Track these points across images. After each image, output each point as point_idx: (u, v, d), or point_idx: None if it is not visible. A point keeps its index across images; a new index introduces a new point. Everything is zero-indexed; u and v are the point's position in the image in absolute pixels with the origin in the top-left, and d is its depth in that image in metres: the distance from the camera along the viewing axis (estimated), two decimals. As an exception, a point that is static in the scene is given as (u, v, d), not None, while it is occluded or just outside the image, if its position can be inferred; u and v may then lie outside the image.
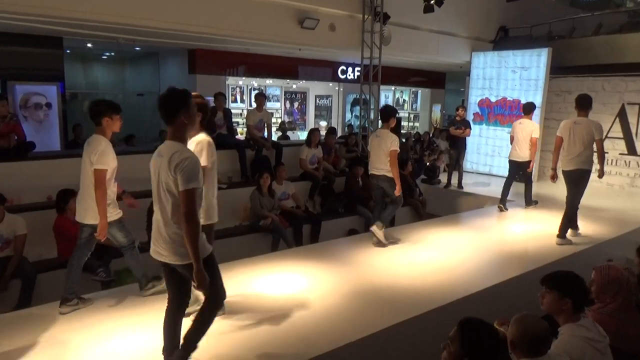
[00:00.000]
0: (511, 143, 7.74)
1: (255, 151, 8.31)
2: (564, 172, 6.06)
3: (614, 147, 10.03)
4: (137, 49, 11.45)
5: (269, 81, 13.78)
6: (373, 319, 3.83)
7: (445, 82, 17.21)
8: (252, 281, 4.65)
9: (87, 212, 3.85)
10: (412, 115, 17.68)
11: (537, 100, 10.22)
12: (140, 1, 7.03)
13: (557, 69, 10.35)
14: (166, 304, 3.02)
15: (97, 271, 4.81)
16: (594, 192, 9.20)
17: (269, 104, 12.85)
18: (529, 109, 7.75)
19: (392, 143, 5.56)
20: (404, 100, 17.56)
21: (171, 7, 7.32)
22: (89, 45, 10.73)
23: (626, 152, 9.82)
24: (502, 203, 7.65)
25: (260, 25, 8.41)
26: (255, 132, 8.32)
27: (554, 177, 6.29)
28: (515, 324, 2.37)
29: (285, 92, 14.62)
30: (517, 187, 10.05)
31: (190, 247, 2.65)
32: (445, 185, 9.72)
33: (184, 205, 2.65)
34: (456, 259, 5.38)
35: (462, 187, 9.47)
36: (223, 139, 8.17)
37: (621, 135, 9.92)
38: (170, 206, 2.73)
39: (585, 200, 8.45)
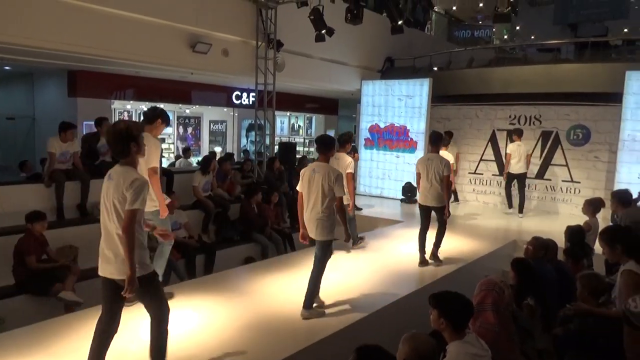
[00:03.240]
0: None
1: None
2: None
3: (488, 169, 11.04)
4: (7, 68, 10.37)
5: (160, 105, 13.20)
6: (271, 350, 3.73)
7: (338, 108, 17.84)
8: (140, 321, 4.29)
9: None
10: (307, 141, 18.02)
11: (421, 126, 10.95)
12: (9, 17, 6.36)
13: (437, 98, 11.22)
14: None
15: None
16: (471, 210, 10.00)
17: (160, 129, 12.31)
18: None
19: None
20: (299, 126, 17.87)
21: (47, 24, 6.73)
22: (-55, 62, 9.49)
23: (497, 173, 10.83)
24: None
25: (148, 47, 8.07)
26: (144, 158, 7.87)
27: None
28: (405, 343, 2.43)
29: (178, 117, 14.11)
30: (410, 208, 10.59)
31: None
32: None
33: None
34: (353, 281, 5.48)
35: (359, 209, 9.72)
36: (107, 167, 7.59)
37: (493, 157, 10.96)
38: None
39: (463, 218, 9.16)
